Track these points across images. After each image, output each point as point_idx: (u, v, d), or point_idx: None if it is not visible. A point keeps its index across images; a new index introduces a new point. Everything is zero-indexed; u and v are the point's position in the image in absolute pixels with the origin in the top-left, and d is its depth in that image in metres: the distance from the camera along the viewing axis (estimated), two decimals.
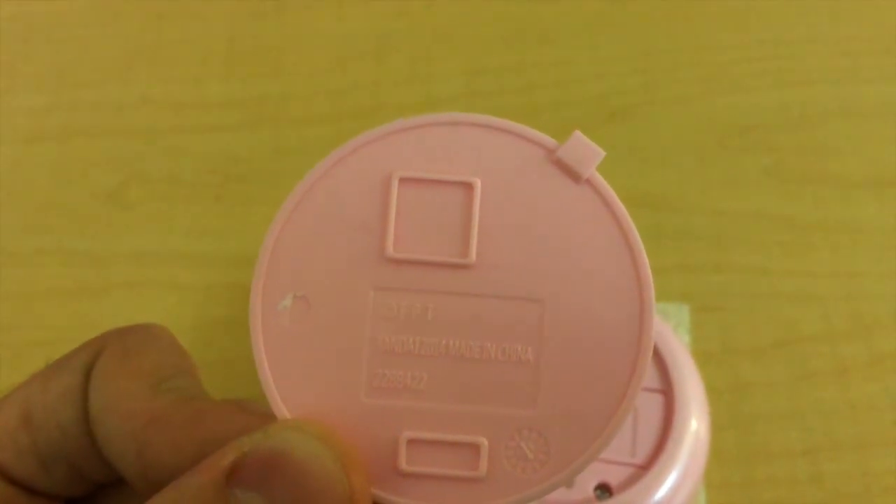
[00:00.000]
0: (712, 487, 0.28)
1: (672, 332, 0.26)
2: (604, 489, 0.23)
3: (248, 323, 0.16)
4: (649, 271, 0.16)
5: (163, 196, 0.34)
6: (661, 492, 0.23)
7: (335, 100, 0.36)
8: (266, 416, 0.15)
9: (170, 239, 0.33)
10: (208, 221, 0.33)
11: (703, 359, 0.30)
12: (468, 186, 0.15)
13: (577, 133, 0.16)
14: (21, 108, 0.36)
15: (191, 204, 0.34)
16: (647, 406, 0.24)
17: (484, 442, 0.14)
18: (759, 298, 0.31)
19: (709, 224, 0.33)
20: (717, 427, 0.27)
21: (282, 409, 0.15)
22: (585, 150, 0.15)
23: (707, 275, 0.32)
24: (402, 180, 0.16)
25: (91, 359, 0.16)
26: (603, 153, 0.16)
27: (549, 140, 0.15)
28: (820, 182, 0.33)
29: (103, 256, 0.32)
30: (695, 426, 0.24)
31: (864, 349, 0.30)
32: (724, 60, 0.36)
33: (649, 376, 0.25)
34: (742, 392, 0.29)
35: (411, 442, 0.14)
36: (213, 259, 0.32)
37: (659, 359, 0.25)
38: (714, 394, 0.29)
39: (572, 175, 0.15)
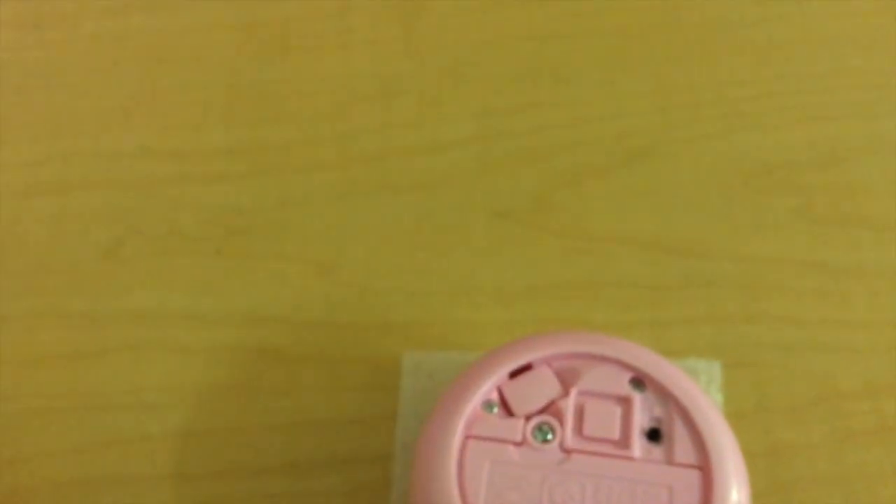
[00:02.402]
0: None
1: (706, 395, 0.24)
2: None
3: None
4: None
5: (162, 251, 0.32)
6: None
7: (341, 145, 0.34)
8: None
9: (169, 297, 0.31)
10: (209, 277, 0.32)
11: (737, 419, 0.28)
12: None
13: None
14: (16, 160, 0.34)
15: (191, 259, 0.32)
16: (683, 484, 0.22)
17: None
18: (793, 351, 0.29)
19: (737, 271, 0.31)
20: (754, 494, 0.25)
21: None
22: None
23: (738, 326, 0.30)
24: None
25: None
26: None
27: None
28: (853, 223, 0.32)
29: (100, 317, 0.31)
30: (735, 501, 0.22)
31: None
32: (746, 96, 0.34)
33: (684, 450, 0.23)
34: (779, 455, 0.27)
35: None
36: (215, 318, 0.31)
37: (693, 428, 0.23)
38: (749, 458, 0.27)
39: None
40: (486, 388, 0.24)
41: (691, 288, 0.31)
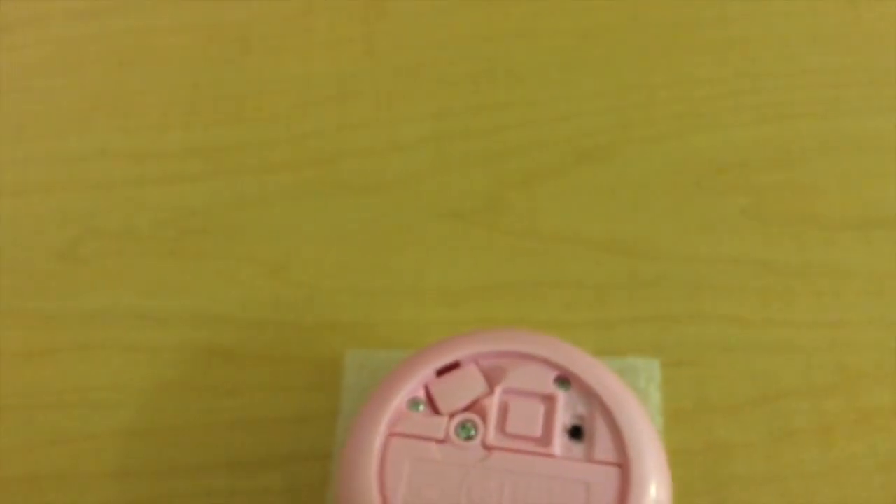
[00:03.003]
0: None
1: (633, 393, 0.24)
2: None
3: None
4: None
5: (117, 251, 0.33)
6: None
7: (296, 146, 0.35)
8: None
9: (122, 297, 0.32)
10: (162, 278, 0.32)
11: (676, 418, 0.28)
12: None
13: None
14: None
15: (145, 259, 0.32)
16: (601, 481, 0.23)
17: None
18: (735, 351, 0.29)
19: (683, 270, 0.31)
20: (691, 492, 0.25)
21: None
22: None
23: (681, 325, 0.30)
24: None
25: None
26: None
27: None
28: (802, 223, 0.32)
29: (53, 317, 0.31)
30: (654, 501, 0.22)
31: (848, 405, 0.28)
32: (701, 96, 0.34)
33: (604, 447, 0.23)
34: (717, 453, 0.27)
35: None
36: (165, 318, 0.31)
37: (614, 427, 0.23)
38: (687, 456, 0.27)
39: None
40: (412, 387, 0.24)
41: (636, 288, 0.31)
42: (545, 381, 0.24)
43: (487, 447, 0.23)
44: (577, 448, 0.23)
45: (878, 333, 0.29)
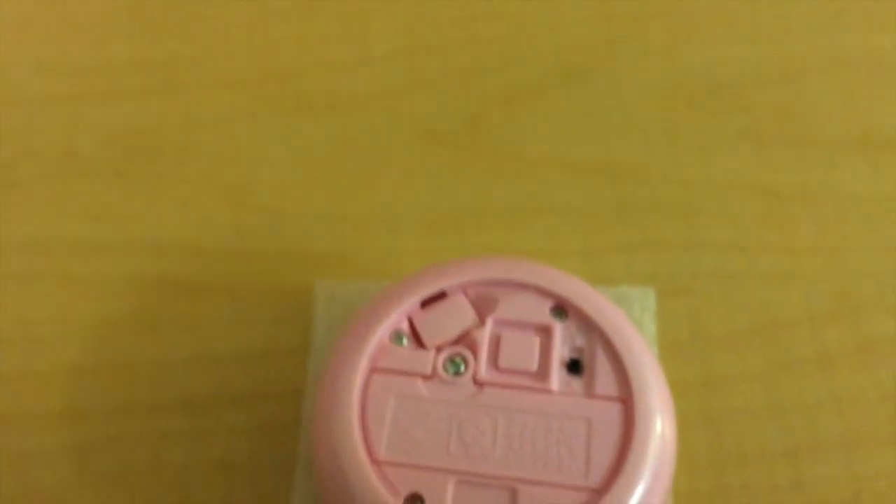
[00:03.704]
0: (679, 497, 0.24)
1: (633, 324, 0.22)
2: None
3: None
4: None
5: (57, 174, 0.30)
6: None
7: (254, 59, 0.31)
8: None
9: (63, 224, 0.29)
10: (108, 203, 0.29)
11: (671, 349, 0.26)
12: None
13: None
14: None
15: (88, 183, 0.29)
16: (603, 418, 0.21)
17: None
18: (732, 279, 0.28)
19: (677, 195, 0.29)
20: (686, 426, 0.24)
21: None
22: None
23: (675, 253, 0.28)
24: None
25: None
26: None
27: None
28: (802, 145, 0.30)
29: None
30: (659, 438, 0.20)
31: (850, 334, 0.27)
32: (693, 8, 0.32)
33: (605, 382, 0.21)
34: (714, 385, 0.26)
35: None
36: (113, 246, 0.28)
37: (616, 360, 0.21)
38: (682, 388, 0.25)
39: None
40: (395, 318, 0.22)
41: (628, 213, 0.29)
42: (540, 310, 0.22)
43: (478, 383, 0.21)
44: (576, 383, 0.21)
45: (881, 260, 0.28)
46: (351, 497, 0.20)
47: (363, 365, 0.21)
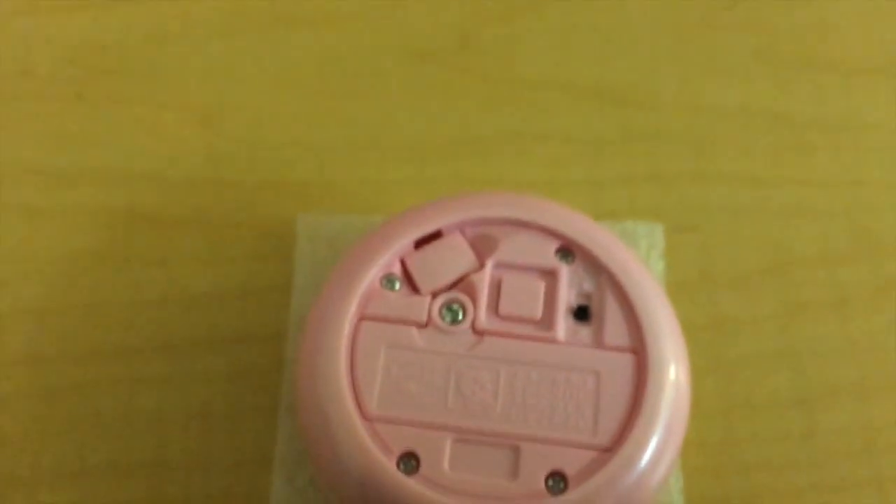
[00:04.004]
0: (686, 447, 0.23)
1: (645, 267, 0.21)
2: (558, 479, 0.18)
3: None
4: None
5: (11, 96, 0.27)
6: (630, 479, 0.18)
7: None
8: None
9: (19, 150, 0.26)
10: (68, 127, 0.26)
11: (678, 290, 0.24)
12: None
13: None
14: None
15: (46, 105, 0.27)
16: (613, 370, 0.19)
17: None
18: (744, 214, 0.26)
19: (687, 122, 0.27)
20: (694, 372, 0.22)
21: None
22: None
23: (684, 185, 0.26)
24: None
25: None
26: None
27: None
28: (820, 69, 0.28)
29: None
30: (674, 392, 0.19)
31: (868, 274, 0.25)
32: None
33: (615, 331, 0.20)
34: (723, 329, 0.24)
35: None
36: (75, 175, 0.26)
37: (627, 306, 0.20)
38: (690, 332, 0.24)
39: None
40: (387, 260, 0.20)
41: (634, 142, 0.27)
42: (545, 252, 0.20)
43: (478, 332, 0.20)
44: (584, 331, 0.20)
45: None
46: (339, 456, 0.18)
47: (351, 312, 0.19)
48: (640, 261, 0.21)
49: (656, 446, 0.18)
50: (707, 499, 0.22)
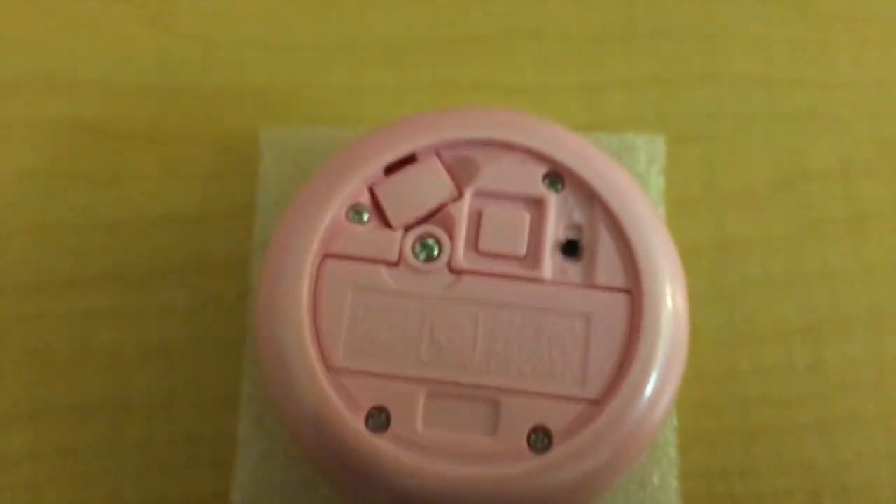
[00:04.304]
0: (685, 381, 0.21)
1: (644, 194, 0.18)
2: (541, 435, 0.17)
3: None
4: None
5: None
6: (620, 435, 0.16)
7: None
8: None
9: None
10: (0, 27, 0.24)
11: (680, 207, 0.22)
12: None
13: None
14: None
15: None
16: (605, 313, 0.17)
17: None
18: (755, 121, 0.23)
19: (692, 17, 0.24)
20: (695, 299, 0.20)
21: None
22: None
23: (689, 89, 0.24)
24: None
25: None
26: None
27: None
28: None
29: None
30: (670, 340, 0.17)
31: (888, 189, 0.23)
32: None
33: (608, 268, 0.17)
34: (729, 251, 0.22)
35: None
36: (9, 84, 0.23)
37: (623, 240, 0.18)
38: (693, 255, 0.22)
39: None
40: (353, 189, 0.18)
41: (634, 39, 0.24)
42: (531, 178, 0.18)
43: (455, 271, 0.18)
44: (573, 269, 0.18)
45: None
46: (303, 411, 0.17)
47: (313, 249, 0.17)
48: (637, 187, 0.18)
49: (649, 399, 0.17)
50: (703, 436, 0.21)
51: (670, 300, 0.17)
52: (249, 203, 0.22)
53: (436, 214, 0.18)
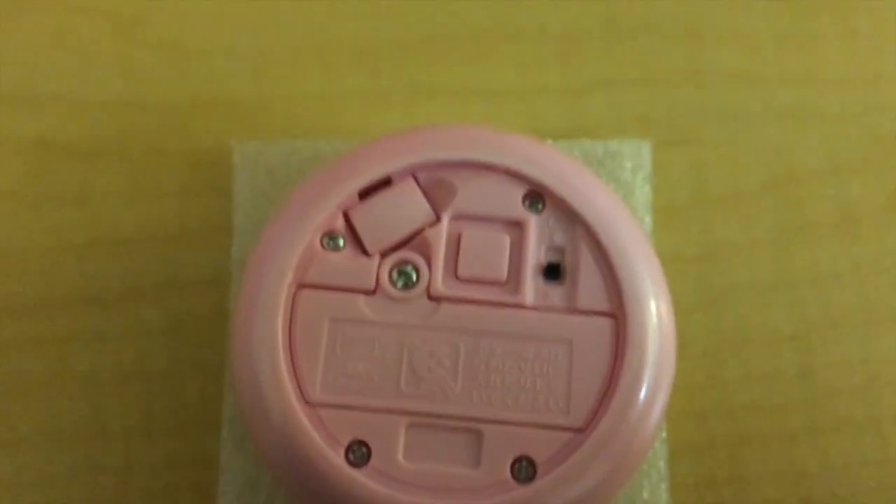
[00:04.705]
0: (672, 389, 0.21)
1: (628, 212, 0.18)
2: (525, 465, 0.16)
3: None
4: None
5: None
6: (607, 463, 0.16)
7: None
8: None
9: None
10: None
11: (666, 215, 0.22)
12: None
13: None
14: None
15: None
16: (588, 339, 0.17)
17: None
18: (742, 121, 0.23)
19: (678, 11, 0.23)
20: (682, 308, 0.20)
21: None
22: None
23: (675, 88, 0.23)
24: None
25: None
26: None
27: None
28: None
29: None
30: (655, 364, 0.17)
31: (880, 188, 0.22)
32: None
33: (591, 292, 0.17)
34: (715, 258, 0.22)
35: None
36: None
37: (606, 262, 0.17)
38: (679, 264, 0.22)
39: None
40: (326, 214, 0.17)
41: (616, 37, 0.23)
42: (510, 200, 0.18)
43: (434, 298, 0.17)
44: (556, 293, 0.17)
45: None
46: (280, 446, 0.16)
47: (288, 279, 0.17)
48: (620, 204, 0.18)
49: (635, 424, 0.16)
50: (691, 445, 0.21)
51: (655, 322, 0.17)
52: (225, 220, 0.22)
53: (413, 239, 0.17)
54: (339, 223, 0.17)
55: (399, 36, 0.23)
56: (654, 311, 0.17)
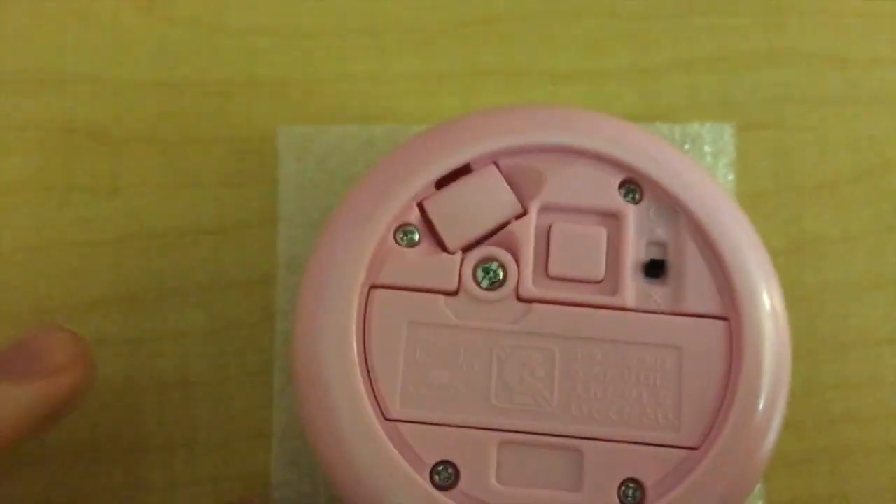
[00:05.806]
0: None
1: (735, 201, 0.16)
2: (633, 489, 0.14)
3: None
4: None
5: None
6: (723, 486, 0.14)
7: None
8: None
9: None
10: None
11: (749, 204, 0.20)
12: None
13: None
14: None
15: None
16: (699, 345, 0.15)
17: None
18: (832, 103, 0.21)
19: None
20: None
21: None
22: None
23: (757, 69, 0.21)
24: None
25: None
26: None
27: None
28: None
29: None
30: (774, 372, 0.15)
31: None
32: None
33: (700, 292, 0.15)
34: (805, 251, 0.20)
35: None
36: None
37: (717, 259, 0.15)
38: None
39: None
40: (400, 206, 0.15)
41: (692, 16, 0.21)
42: (605, 189, 0.16)
43: (524, 299, 0.15)
44: (660, 293, 0.15)
45: None
46: (356, 468, 0.14)
47: (360, 279, 0.15)
48: (726, 193, 0.16)
49: (753, 443, 0.15)
50: (787, 458, 0.19)
51: (772, 326, 0.15)
52: (270, 212, 0.20)
53: (497, 234, 0.15)
54: (414, 215, 0.16)
55: (458, 14, 0.21)
56: (770, 313, 0.15)
